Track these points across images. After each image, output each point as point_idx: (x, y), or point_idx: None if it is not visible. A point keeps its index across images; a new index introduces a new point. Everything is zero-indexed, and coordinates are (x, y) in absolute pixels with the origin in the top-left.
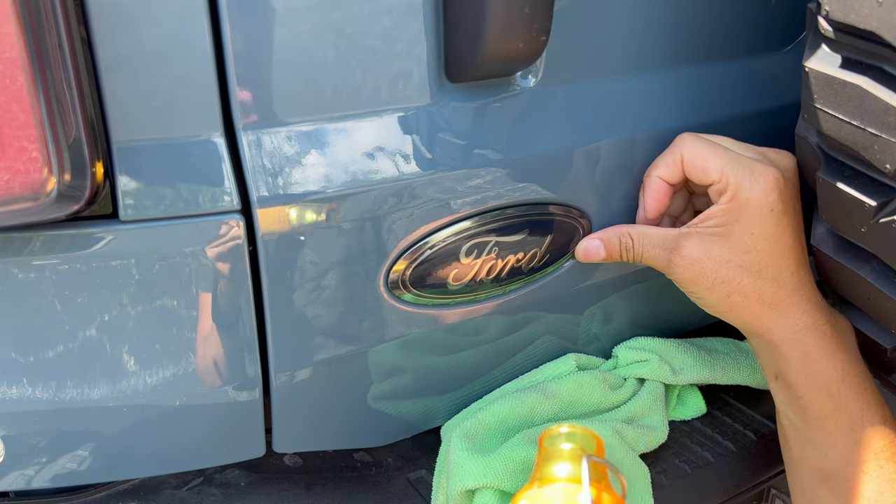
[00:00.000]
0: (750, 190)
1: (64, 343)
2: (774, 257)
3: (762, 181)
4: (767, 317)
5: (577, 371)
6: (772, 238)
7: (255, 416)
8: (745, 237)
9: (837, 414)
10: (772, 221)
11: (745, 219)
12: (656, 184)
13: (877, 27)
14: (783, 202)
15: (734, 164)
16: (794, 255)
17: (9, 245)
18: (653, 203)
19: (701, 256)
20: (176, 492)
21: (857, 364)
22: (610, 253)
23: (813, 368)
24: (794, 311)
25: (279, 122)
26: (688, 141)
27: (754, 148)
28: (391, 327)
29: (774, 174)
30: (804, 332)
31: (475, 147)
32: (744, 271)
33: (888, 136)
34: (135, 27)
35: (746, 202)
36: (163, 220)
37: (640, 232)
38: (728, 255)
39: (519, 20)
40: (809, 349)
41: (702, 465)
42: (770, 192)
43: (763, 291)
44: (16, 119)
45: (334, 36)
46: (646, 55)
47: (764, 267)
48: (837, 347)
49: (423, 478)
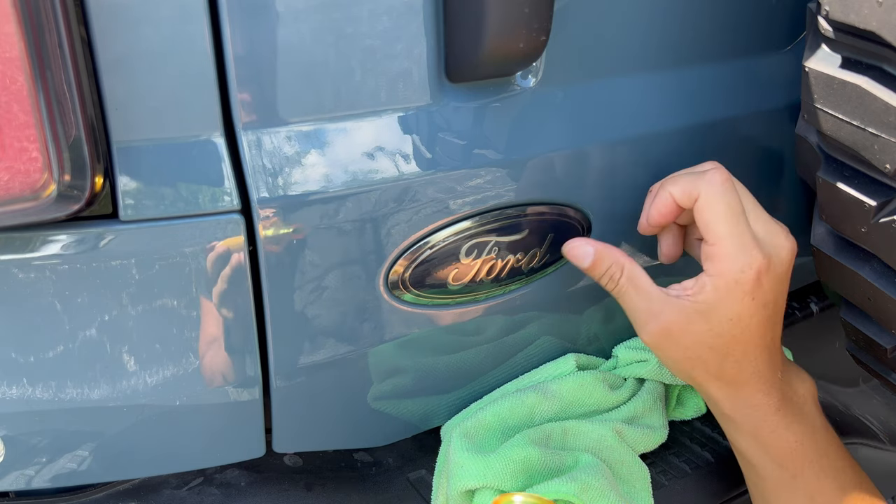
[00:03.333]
0: (739, 273)
1: (64, 343)
2: (742, 344)
3: (752, 268)
4: (723, 392)
5: (577, 371)
6: (745, 327)
7: (255, 416)
8: (723, 322)
9: (794, 484)
10: (749, 311)
11: (728, 302)
12: (667, 200)
13: (877, 27)
14: (763, 294)
15: (734, 240)
16: (762, 342)
17: (9, 245)
18: (657, 216)
19: (678, 332)
20: (176, 492)
21: (812, 434)
22: (593, 269)
23: (764, 441)
24: (749, 390)
25: (279, 122)
26: (713, 186)
27: (767, 221)
28: (391, 327)
29: (763, 264)
30: (756, 409)
31: (475, 147)
32: (713, 352)
33: (888, 136)
34: (135, 27)
35: (734, 284)
36: (163, 221)
37: (631, 273)
38: (704, 336)
39: (519, 20)
40: (760, 424)
41: (702, 465)
42: (753, 282)
43: (724, 372)
44: (16, 119)
45: (334, 36)
46: (646, 55)
47: (731, 351)
48: (792, 420)
49: (423, 478)
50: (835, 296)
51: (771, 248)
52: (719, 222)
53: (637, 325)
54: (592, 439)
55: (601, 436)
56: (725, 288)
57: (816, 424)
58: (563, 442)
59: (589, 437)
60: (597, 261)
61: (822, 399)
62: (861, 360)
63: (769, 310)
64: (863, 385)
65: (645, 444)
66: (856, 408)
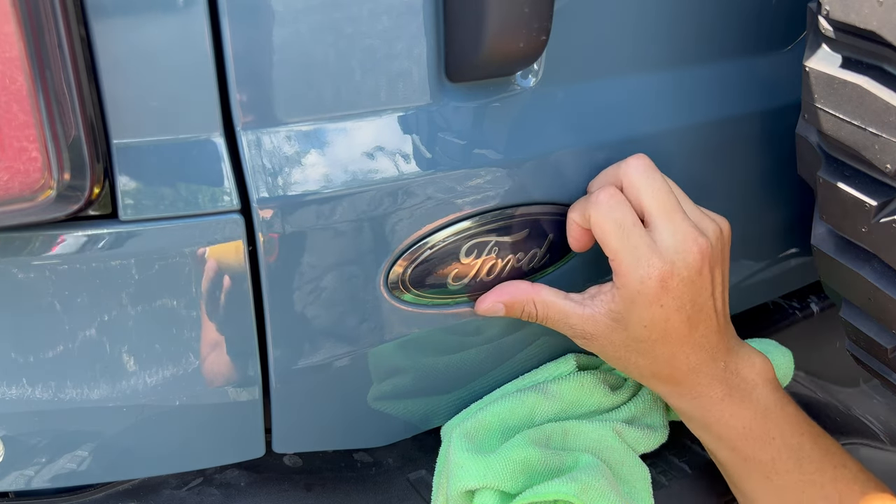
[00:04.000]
0: (639, 283)
1: (64, 343)
2: (668, 346)
3: (652, 277)
4: (664, 389)
5: (578, 371)
6: (663, 331)
7: (255, 416)
8: (639, 328)
9: (748, 466)
10: (661, 316)
11: (637, 311)
12: (572, 226)
13: (877, 27)
14: (673, 299)
15: (629, 252)
16: (688, 342)
17: (9, 245)
18: (574, 243)
19: (602, 341)
20: (176, 492)
21: (762, 416)
22: (510, 315)
23: (713, 430)
24: (687, 386)
25: (279, 121)
26: (599, 205)
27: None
28: (391, 327)
29: (663, 272)
30: (699, 401)
31: (475, 147)
32: (640, 355)
33: (888, 136)
34: (135, 27)
35: (637, 294)
36: (162, 220)
37: (544, 303)
38: (626, 341)
39: (519, 20)
40: (705, 414)
41: (702, 465)
42: (657, 290)
43: (658, 371)
44: (16, 119)
45: (334, 36)
46: (646, 55)
47: (658, 353)
48: (738, 407)
49: (423, 478)
50: (835, 295)
51: (675, 253)
52: (609, 239)
53: (572, 339)
54: (593, 439)
55: (601, 436)
56: (630, 298)
57: (769, 405)
58: (563, 442)
59: (589, 438)
60: (509, 309)
61: (823, 399)
62: (861, 360)
63: (686, 311)
64: (863, 385)
65: (645, 444)
66: (856, 408)
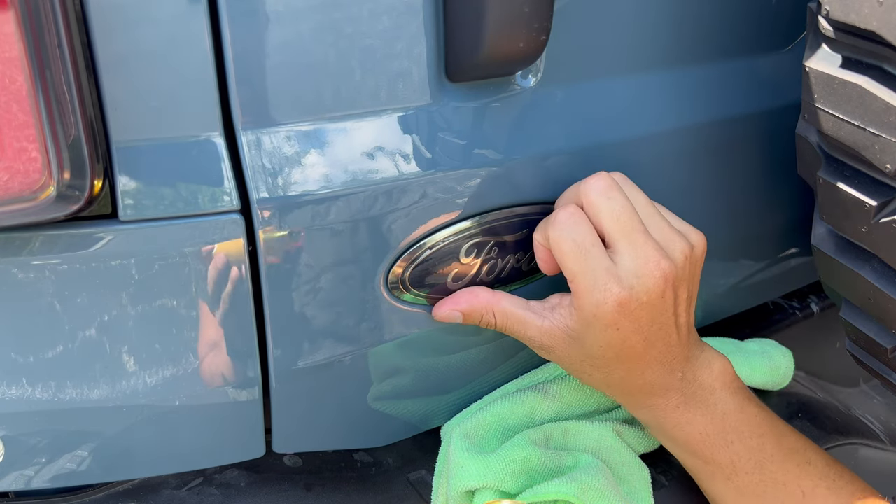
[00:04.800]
0: (595, 307)
1: (64, 343)
2: (622, 364)
3: (608, 302)
4: (620, 399)
5: None
6: (619, 352)
7: (255, 416)
8: (595, 348)
9: (709, 469)
10: (618, 339)
11: (593, 332)
12: (539, 248)
13: (877, 27)
14: (631, 322)
15: (586, 276)
16: (643, 361)
17: (9, 245)
18: (542, 264)
19: (560, 353)
20: (176, 492)
21: (720, 420)
22: (468, 322)
23: (670, 435)
24: (641, 397)
25: (279, 121)
26: (557, 225)
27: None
28: (391, 327)
29: (620, 297)
30: (654, 410)
31: (475, 147)
32: (595, 369)
33: (888, 136)
34: (135, 27)
35: (592, 318)
36: (162, 220)
37: (503, 312)
38: (582, 357)
39: (519, 20)
40: (662, 422)
41: None
42: (613, 314)
43: (612, 384)
44: (15, 119)
45: (334, 36)
46: (646, 55)
47: (613, 370)
48: (695, 413)
49: (423, 478)
50: (835, 295)
51: (634, 277)
52: (567, 260)
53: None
54: (593, 439)
55: (601, 436)
56: (586, 321)
57: (726, 409)
58: (563, 442)
59: (589, 438)
60: (466, 317)
61: (822, 399)
62: (861, 360)
63: (644, 332)
64: (863, 385)
65: (645, 444)
66: (856, 408)
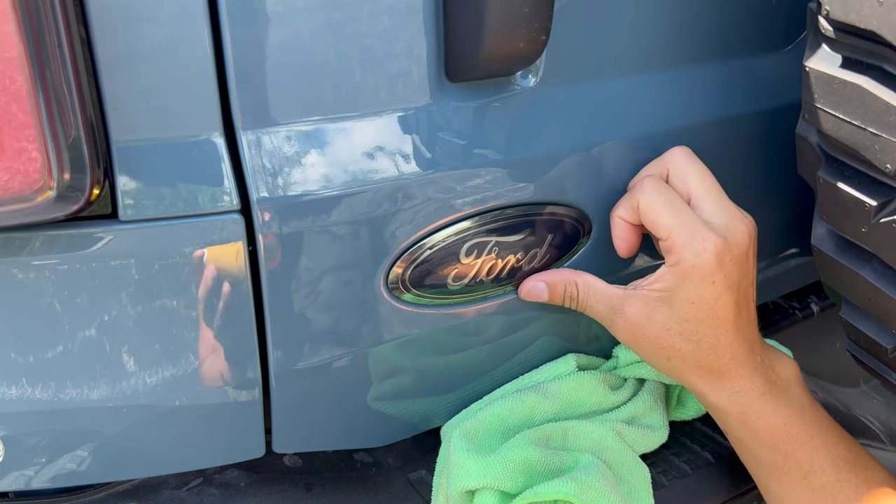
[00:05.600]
0: (695, 258)
1: (64, 343)
2: (713, 328)
3: (708, 251)
4: (705, 381)
5: (578, 371)
6: (710, 310)
7: (255, 416)
8: (686, 306)
9: (788, 465)
10: (712, 294)
11: (688, 287)
12: (620, 225)
13: (877, 27)
14: (725, 276)
15: (683, 228)
16: (733, 326)
17: (9, 245)
18: (620, 243)
19: (644, 322)
20: (176, 492)
21: (800, 414)
22: (553, 298)
23: (753, 426)
24: (731, 377)
25: (279, 121)
26: (646, 190)
27: (725, 206)
28: (391, 327)
29: (718, 246)
30: (740, 395)
31: (475, 147)
32: (683, 339)
33: (888, 136)
34: (135, 27)
35: (691, 269)
36: (162, 221)
37: (586, 284)
38: (669, 322)
39: (519, 20)
40: (746, 410)
41: (702, 465)
42: (712, 264)
43: (702, 359)
44: (15, 119)
45: (334, 36)
46: (646, 55)
47: (703, 336)
48: (778, 403)
49: (423, 478)
50: (835, 295)
51: (726, 231)
52: (662, 217)
53: (609, 328)
54: (593, 439)
55: (601, 436)
56: (682, 274)
57: (804, 404)
58: (563, 442)
59: (589, 438)
60: (552, 290)
61: (823, 399)
62: (861, 360)
63: (735, 292)
64: (863, 385)
65: (645, 444)
66: (856, 408)
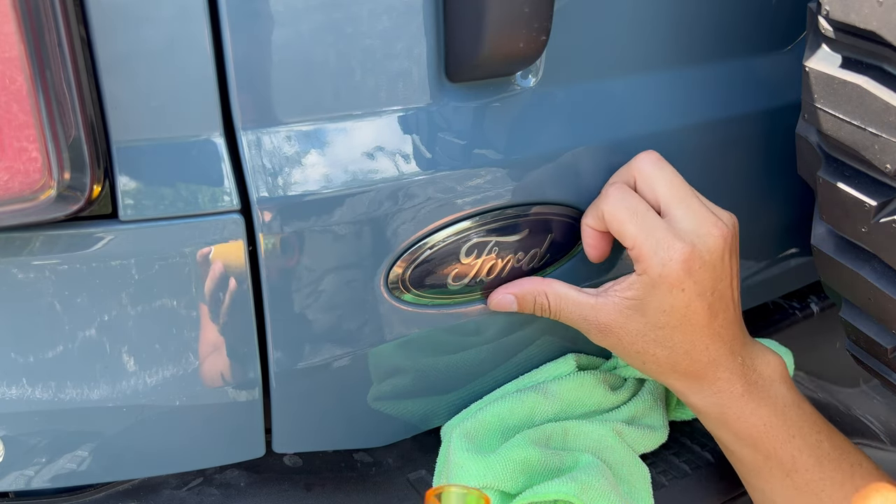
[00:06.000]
0: (661, 266)
1: (64, 343)
2: (687, 334)
3: (675, 259)
4: (682, 385)
5: (578, 371)
6: (682, 317)
7: (255, 416)
8: (658, 314)
9: (769, 464)
10: (682, 302)
11: (658, 295)
12: (588, 232)
13: (877, 27)
14: (695, 283)
15: (648, 237)
16: (707, 332)
17: (9, 245)
18: (590, 250)
19: (617, 330)
20: (176, 492)
21: (782, 413)
22: (523, 308)
23: (733, 428)
24: (708, 380)
25: (279, 121)
26: (609, 199)
27: (695, 210)
28: (391, 327)
29: (684, 254)
30: (719, 396)
31: (475, 147)
32: (657, 345)
33: (888, 136)
34: (135, 27)
35: (658, 278)
36: (162, 221)
37: (556, 294)
38: (643, 329)
39: (519, 20)
40: (726, 411)
41: (702, 465)
42: (679, 273)
43: (677, 363)
44: (15, 119)
45: (334, 36)
46: (646, 55)
47: (676, 342)
48: (758, 404)
49: (423, 478)
50: (835, 296)
51: (696, 237)
52: (626, 226)
53: (585, 333)
54: (593, 439)
55: (601, 436)
56: (651, 283)
57: (787, 403)
58: (563, 442)
59: (589, 438)
60: (521, 301)
61: (823, 399)
62: (861, 360)
63: (707, 298)
64: (863, 385)
65: (645, 444)
66: (856, 408)
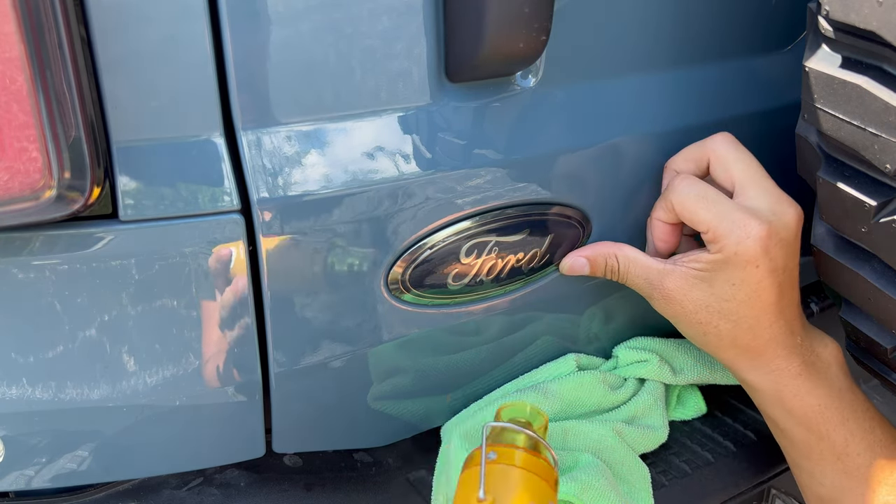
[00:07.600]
0: (737, 245)
1: (64, 343)
2: (753, 309)
3: (751, 237)
4: (741, 359)
5: (578, 371)
6: (752, 292)
7: (255, 416)
8: (726, 287)
9: (821, 446)
10: (755, 277)
11: (729, 270)
12: (658, 227)
13: (877, 27)
14: (770, 260)
15: (723, 219)
16: (774, 309)
17: (9, 245)
18: (661, 244)
19: (681, 298)
20: (176, 492)
21: (837, 396)
22: (594, 271)
23: (788, 406)
24: (767, 357)
25: (279, 121)
26: (678, 189)
27: (770, 190)
28: (391, 327)
29: (762, 232)
30: (777, 374)
31: (475, 147)
32: (721, 317)
33: (888, 136)
34: (135, 27)
35: (733, 255)
36: (162, 221)
37: (626, 257)
38: (708, 300)
39: (519, 20)
40: (782, 389)
41: (702, 465)
42: (755, 249)
43: (738, 337)
44: (16, 119)
45: (334, 36)
46: (646, 55)
47: (742, 317)
48: (814, 384)
49: (423, 478)
50: (835, 296)
51: (773, 214)
52: (699, 213)
53: (648, 299)
54: (592, 439)
55: (601, 436)
56: (724, 260)
57: (842, 386)
58: (563, 442)
59: (589, 438)
60: (593, 264)
61: None
62: (861, 360)
63: (779, 276)
64: (863, 385)
65: (645, 444)
66: None
